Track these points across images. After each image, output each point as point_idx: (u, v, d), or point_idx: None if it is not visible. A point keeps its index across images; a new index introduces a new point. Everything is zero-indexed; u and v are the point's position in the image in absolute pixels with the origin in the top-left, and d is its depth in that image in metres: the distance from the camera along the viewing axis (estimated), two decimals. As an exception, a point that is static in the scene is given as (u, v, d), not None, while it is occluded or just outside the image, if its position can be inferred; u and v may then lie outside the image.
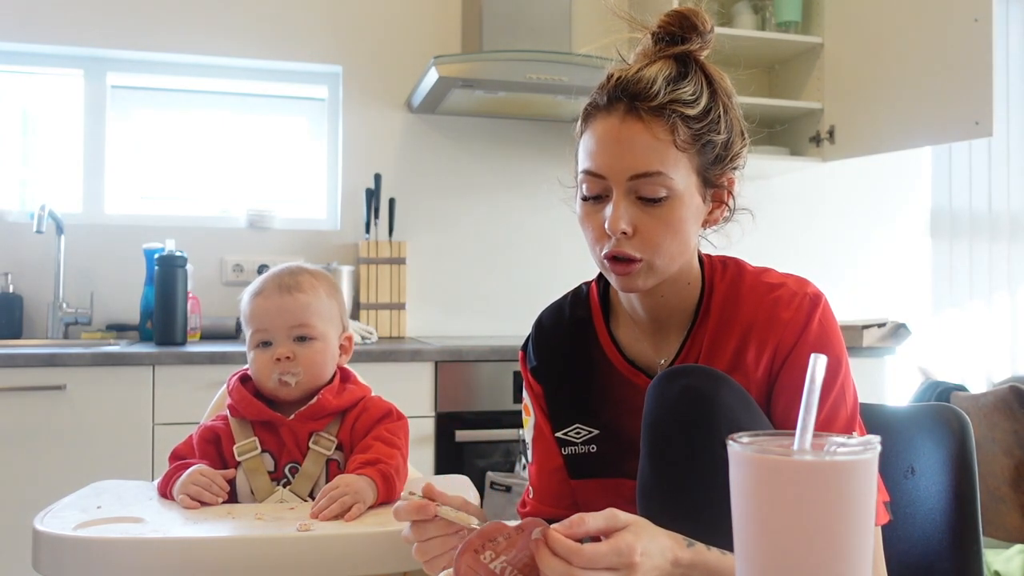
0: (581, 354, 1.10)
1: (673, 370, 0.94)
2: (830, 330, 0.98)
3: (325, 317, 1.23)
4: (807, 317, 0.97)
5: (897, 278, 3.48)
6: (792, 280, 1.01)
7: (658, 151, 0.92)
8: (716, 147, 0.96)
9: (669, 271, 0.98)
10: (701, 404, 0.88)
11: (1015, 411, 1.97)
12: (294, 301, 1.20)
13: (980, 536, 1.11)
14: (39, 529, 0.96)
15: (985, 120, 2.45)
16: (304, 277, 1.24)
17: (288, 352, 1.18)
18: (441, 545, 0.84)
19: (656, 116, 0.92)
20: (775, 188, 3.30)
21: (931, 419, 1.16)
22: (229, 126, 3.06)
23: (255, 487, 1.16)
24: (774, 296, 0.99)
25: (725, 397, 0.89)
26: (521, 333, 3.12)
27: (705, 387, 0.89)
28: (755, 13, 3.08)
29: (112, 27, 2.80)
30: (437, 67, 2.54)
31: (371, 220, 2.90)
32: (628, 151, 0.93)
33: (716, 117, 0.96)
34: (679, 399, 0.89)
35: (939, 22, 2.59)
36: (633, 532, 0.76)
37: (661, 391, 0.91)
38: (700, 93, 0.95)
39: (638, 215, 0.94)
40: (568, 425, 1.09)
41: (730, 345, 1.00)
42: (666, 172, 0.92)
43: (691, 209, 0.96)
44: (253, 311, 1.21)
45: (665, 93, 0.92)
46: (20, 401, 2.14)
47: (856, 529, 0.61)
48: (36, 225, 2.50)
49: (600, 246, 0.97)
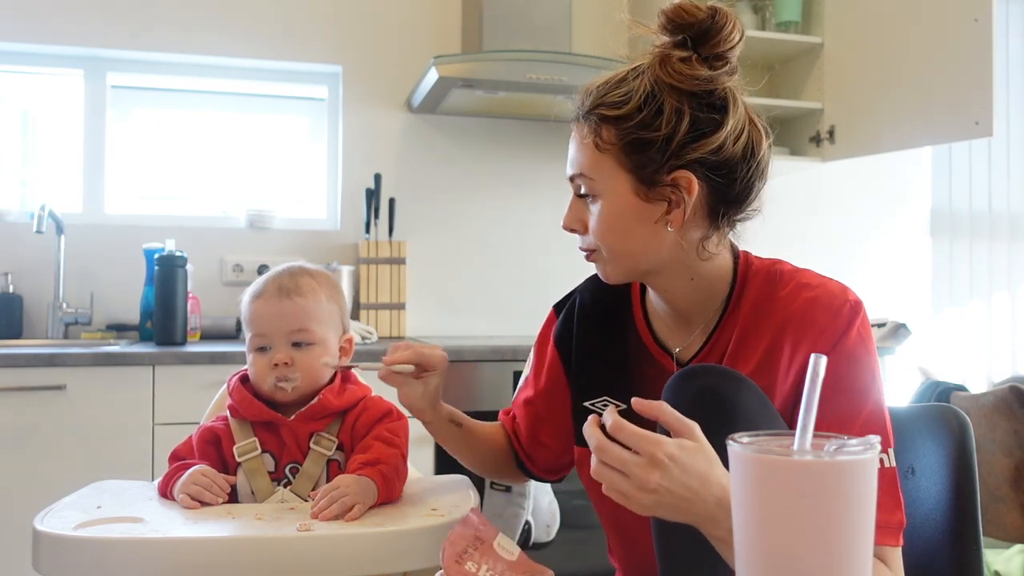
0: (618, 329, 1.12)
1: (690, 370, 0.93)
2: (867, 341, 0.97)
3: (325, 321, 1.22)
4: (847, 324, 0.96)
5: (897, 278, 3.48)
6: (833, 284, 1.01)
7: (582, 152, 1.00)
8: (651, 145, 0.95)
9: (634, 265, 1.02)
10: (720, 405, 0.87)
11: (1015, 411, 1.97)
12: (293, 305, 1.19)
13: (980, 536, 1.11)
14: (39, 529, 0.95)
15: (985, 120, 2.45)
16: (304, 280, 1.22)
17: (286, 358, 1.18)
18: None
19: (584, 121, 1.00)
20: (775, 188, 3.26)
21: (931, 419, 1.16)
22: (229, 126, 3.06)
23: (255, 487, 1.16)
24: (812, 296, 0.98)
25: (744, 399, 0.89)
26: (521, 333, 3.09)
27: (723, 388, 0.89)
28: (755, 13, 3.08)
29: (112, 27, 2.80)
30: (437, 67, 2.54)
31: (371, 220, 2.90)
32: (571, 153, 1.03)
33: (648, 116, 0.95)
34: (697, 399, 0.88)
35: (939, 22, 2.59)
36: (679, 443, 0.78)
37: (678, 390, 0.91)
38: (632, 94, 0.95)
39: (585, 212, 1.03)
40: (596, 396, 1.11)
41: (761, 344, 1.00)
42: (586, 173, 1.00)
43: (626, 206, 0.98)
44: (252, 315, 1.21)
45: (595, 99, 0.99)
46: (20, 401, 2.14)
47: (856, 529, 0.61)
48: (36, 225, 2.50)
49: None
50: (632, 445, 0.77)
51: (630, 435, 0.77)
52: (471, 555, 0.76)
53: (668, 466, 0.76)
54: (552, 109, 2.87)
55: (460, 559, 0.76)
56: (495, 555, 0.76)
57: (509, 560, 0.76)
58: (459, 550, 0.76)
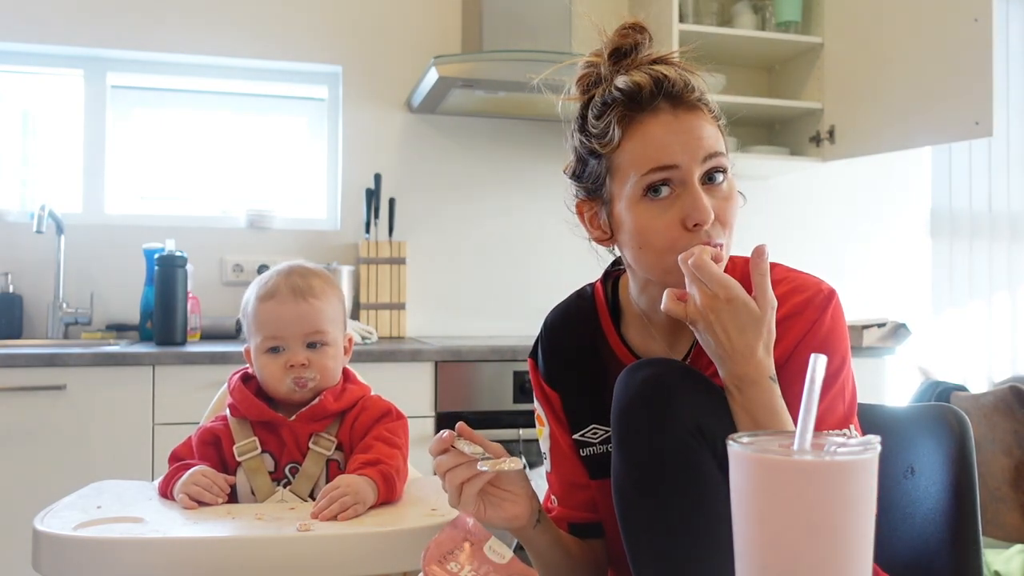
0: (592, 356, 1.09)
1: (639, 362, 0.95)
2: (839, 328, 0.99)
3: (336, 322, 1.23)
4: (819, 312, 0.98)
5: (897, 278, 3.48)
6: (807, 276, 1.02)
7: (715, 134, 0.96)
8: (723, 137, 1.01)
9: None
10: (664, 391, 0.89)
11: (1015, 411, 1.97)
12: (310, 308, 1.19)
13: (980, 536, 1.10)
14: (39, 529, 0.95)
15: (985, 120, 2.45)
16: (316, 281, 1.22)
17: (304, 359, 1.18)
18: (460, 474, 0.90)
19: (704, 106, 0.97)
20: (775, 188, 3.30)
21: (931, 419, 1.16)
22: (229, 126, 3.06)
23: (255, 487, 1.16)
24: (787, 290, 1.00)
25: (689, 384, 0.91)
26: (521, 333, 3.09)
27: (667, 376, 0.91)
28: (755, 13, 3.08)
29: (112, 27, 2.80)
30: (437, 67, 2.54)
31: (371, 220, 2.90)
32: (695, 137, 0.94)
33: (718, 112, 1.01)
34: (642, 387, 0.90)
35: (939, 22, 2.59)
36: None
37: (624, 381, 0.93)
38: (706, 89, 1.00)
39: (711, 202, 0.94)
40: (584, 426, 1.09)
41: None
42: (724, 153, 0.96)
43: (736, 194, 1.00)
44: (264, 316, 1.20)
45: (698, 87, 0.97)
46: (20, 401, 2.14)
47: (856, 529, 0.61)
48: (36, 225, 2.50)
49: (680, 244, 0.93)
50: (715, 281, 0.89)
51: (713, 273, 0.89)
52: (455, 556, 0.76)
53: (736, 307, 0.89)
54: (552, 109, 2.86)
55: (443, 560, 0.76)
56: (483, 557, 0.76)
57: (498, 563, 0.76)
58: (445, 551, 0.76)
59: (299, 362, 1.17)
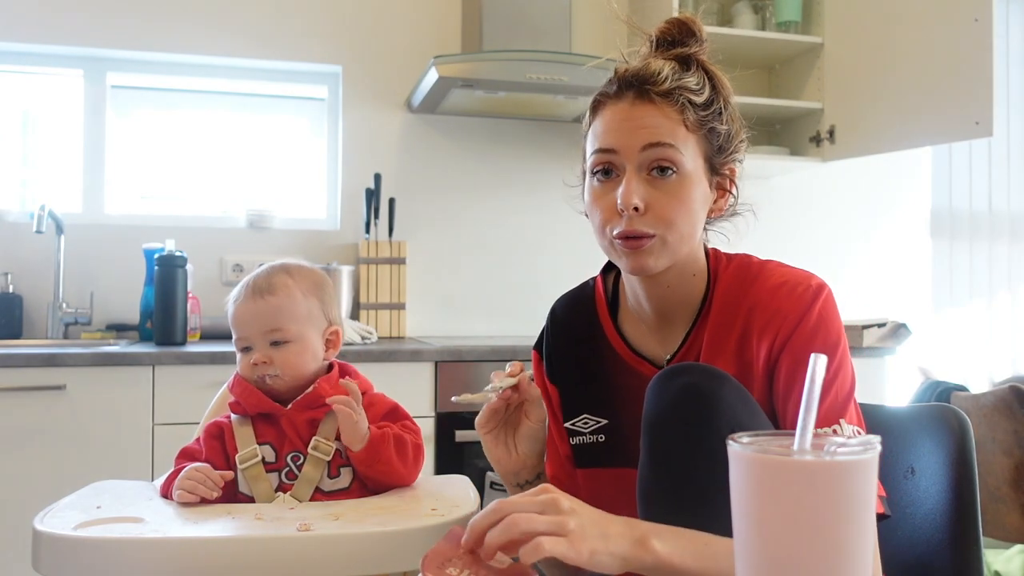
0: (590, 345, 1.11)
1: (673, 368, 0.94)
2: (828, 318, 0.98)
3: (301, 318, 1.22)
4: (808, 306, 0.97)
5: (897, 278, 3.48)
6: (798, 271, 1.02)
7: (669, 127, 0.96)
8: (720, 136, 1.01)
9: (680, 252, 1.00)
10: (701, 401, 0.88)
11: (1015, 411, 1.97)
12: (266, 305, 1.20)
13: (980, 536, 1.10)
14: (39, 529, 0.95)
15: (985, 120, 2.45)
16: (278, 278, 1.23)
17: (264, 357, 1.19)
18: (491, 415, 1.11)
19: (666, 99, 0.97)
20: (775, 188, 3.30)
21: (931, 419, 1.16)
22: (229, 126, 3.06)
23: (256, 493, 1.16)
24: (776, 284, 1.00)
25: (726, 395, 0.89)
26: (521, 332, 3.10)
27: (705, 385, 0.89)
28: (755, 13, 3.08)
29: (112, 27, 2.80)
30: (437, 67, 2.54)
31: (371, 220, 2.90)
32: (640, 126, 0.96)
33: (719, 108, 1.01)
34: (679, 397, 0.89)
35: (939, 22, 2.59)
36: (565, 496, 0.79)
37: (661, 389, 0.91)
38: (703, 85, 1.00)
39: (650, 191, 0.96)
40: (577, 415, 1.10)
41: (732, 336, 1.00)
42: (676, 146, 0.96)
43: (699, 191, 0.99)
44: (233, 317, 1.23)
45: (672, 80, 0.97)
46: (20, 401, 2.14)
47: (856, 529, 0.61)
48: (36, 225, 2.50)
49: (610, 227, 0.98)
50: (531, 509, 0.77)
51: (518, 501, 0.78)
52: (455, 563, 0.76)
53: (565, 499, 0.78)
54: (552, 109, 2.87)
55: (442, 566, 0.76)
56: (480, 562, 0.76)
57: (499, 568, 0.76)
58: (443, 559, 0.76)
59: (260, 360, 1.19)
